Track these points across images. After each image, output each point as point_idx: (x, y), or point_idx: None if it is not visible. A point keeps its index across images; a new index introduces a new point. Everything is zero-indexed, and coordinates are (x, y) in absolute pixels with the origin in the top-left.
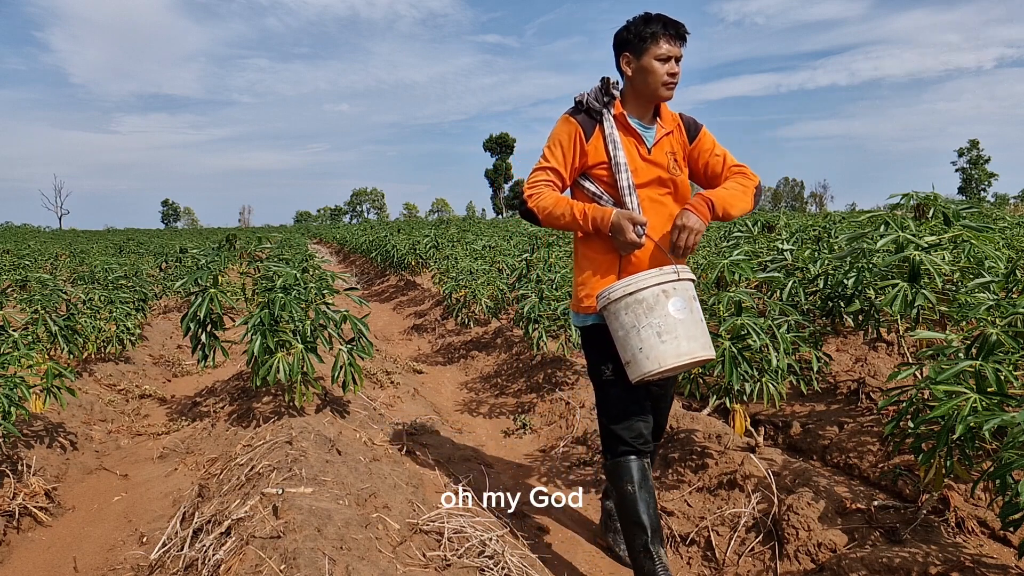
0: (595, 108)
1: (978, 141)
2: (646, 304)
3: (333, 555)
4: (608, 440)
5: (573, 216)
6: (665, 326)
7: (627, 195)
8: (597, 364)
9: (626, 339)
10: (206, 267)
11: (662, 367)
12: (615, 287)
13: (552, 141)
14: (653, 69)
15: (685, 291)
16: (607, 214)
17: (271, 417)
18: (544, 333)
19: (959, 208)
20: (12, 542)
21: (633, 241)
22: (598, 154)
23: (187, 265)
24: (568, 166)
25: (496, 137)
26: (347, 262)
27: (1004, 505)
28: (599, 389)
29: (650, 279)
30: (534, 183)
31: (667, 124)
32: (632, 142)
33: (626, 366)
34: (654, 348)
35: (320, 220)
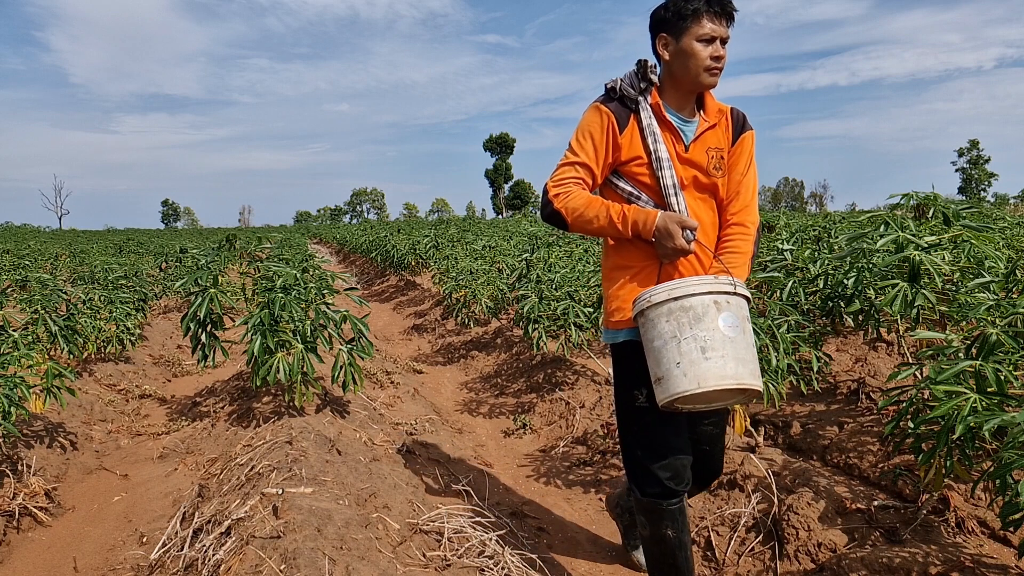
0: (630, 95)
1: (978, 141)
2: (693, 313)
3: (333, 555)
4: (640, 477)
5: (610, 219)
6: (712, 341)
7: (672, 195)
8: (629, 387)
9: (662, 351)
10: (206, 267)
11: (701, 387)
12: (658, 289)
13: (581, 133)
14: (694, 52)
15: (739, 308)
16: (651, 217)
17: (271, 417)
18: (544, 333)
19: (959, 208)
20: (12, 542)
21: (682, 248)
22: (634, 148)
23: (187, 265)
24: (600, 161)
25: (496, 137)
26: (347, 262)
27: (1004, 505)
28: (629, 417)
29: (701, 285)
30: (561, 180)
31: (711, 116)
32: (668, 137)
33: (657, 383)
34: (695, 364)
35: (320, 220)
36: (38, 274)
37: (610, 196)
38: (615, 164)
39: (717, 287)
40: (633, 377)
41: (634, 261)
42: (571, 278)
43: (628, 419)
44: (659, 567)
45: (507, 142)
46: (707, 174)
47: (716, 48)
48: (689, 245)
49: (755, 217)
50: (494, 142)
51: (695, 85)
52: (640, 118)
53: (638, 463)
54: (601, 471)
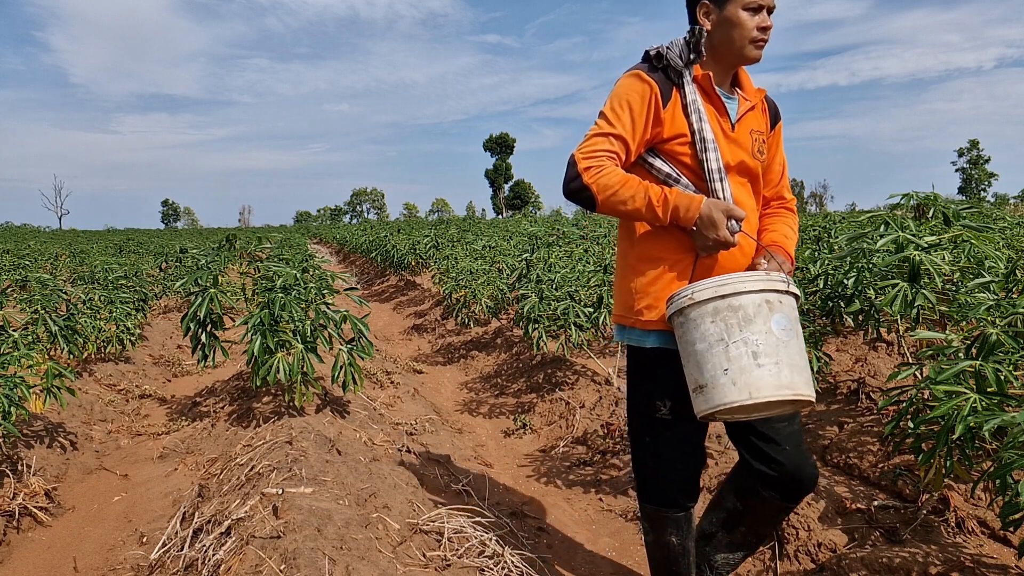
0: (676, 66)
1: (978, 141)
2: (743, 313)
3: (333, 555)
4: (648, 487)
5: (648, 202)
6: (765, 345)
7: (717, 180)
8: (650, 396)
9: (706, 355)
10: (206, 267)
11: (753, 398)
12: (702, 285)
13: (617, 101)
14: (740, 21)
15: (791, 308)
16: (695, 203)
17: (271, 417)
18: (544, 333)
19: (959, 208)
20: (12, 542)
21: (725, 240)
22: (676, 125)
23: (187, 265)
24: (637, 136)
25: (496, 137)
26: (347, 262)
27: (1004, 505)
28: (645, 426)
29: (753, 282)
30: (593, 152)
31: (751, 96)
32: (713, 115)
33: (697, 392)
34: (745, 372)
35: (320, 220)
36: (38, 274)
37: (642, 177)
38: (653, 141)
39: (770, 284)
40: (657, 386)
41: (668, 252)
42: (571, 278)
43: (644, 429)
44: (661, 571)
45: (507, 142)
46: (752, 155)
47: (763, 18)
48: (733, 237)
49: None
50: (494, 142)
51: (738, 59)
52: (684, 93)
53: (648, 474)
54: (601, 471)
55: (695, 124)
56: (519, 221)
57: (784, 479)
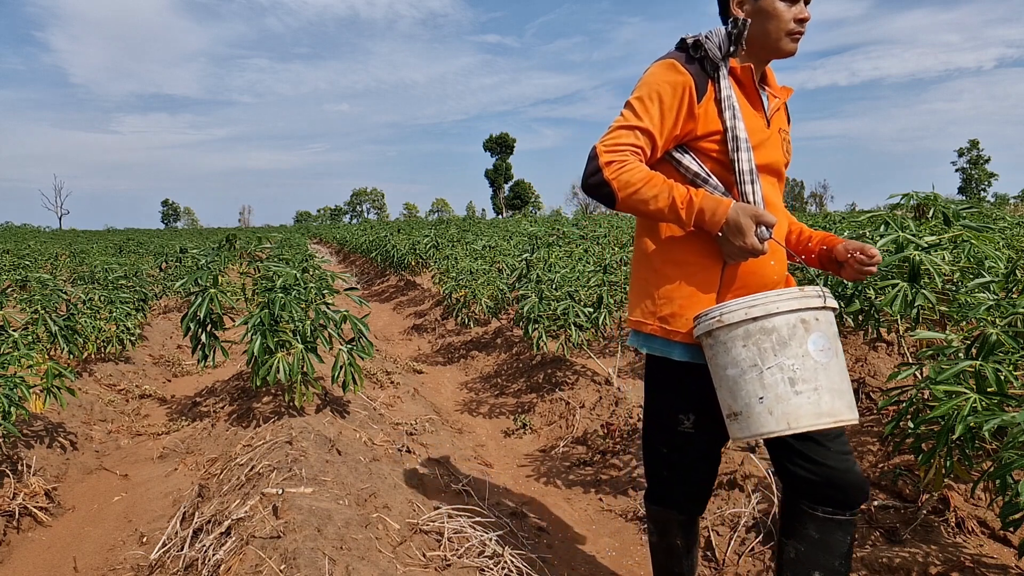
0: (714, 58)
1: (978, 141)
2: (777, 336)
3: (333, 555)
4: (660, 493)
5: (672, 203)
6: (802, 371)
7: (748, 182)
8: (673, 410)
9: (739, 382)
10: (206, 267)
11: (791, 428)
12: (731, 307)
13: (647, 92)
14: (777, 12)
15: (829, 324)
16: (722, 207)
17: (271, 417)
18: (544, 333)
19: (959, 208)
20: (12, 542)
21: (753, 247)
22: (710, 122)
23: (187, 265)
24: (666, 132)
25: (496, 137)
26: (347, 262)
27: (1004, 505)
28: (664, 438)
29: (785, 301)
30: (616, 146)
31: (778, 92)
32: (749, 110)
33: (731, 419)
34: (783, 400)
35: (320, 220)
36: (38, 274)
37: (668, 175)
38: (683, 138)
39: (805, 302)
40: (682, 399)
41: (695, 256)
42: (571, 278)
43: (662, 440)
44: (663, 572)
45: (507, 142)
46: (783, 155)
47: (800, 8)
48: (762, 245)
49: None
50: (494, 142)
51: (773, 52)
52: (719, 87)
53: (662, 481)
54: (601, 471)
55: (728, 121)
56: (519, 221)
57: (833, 484)
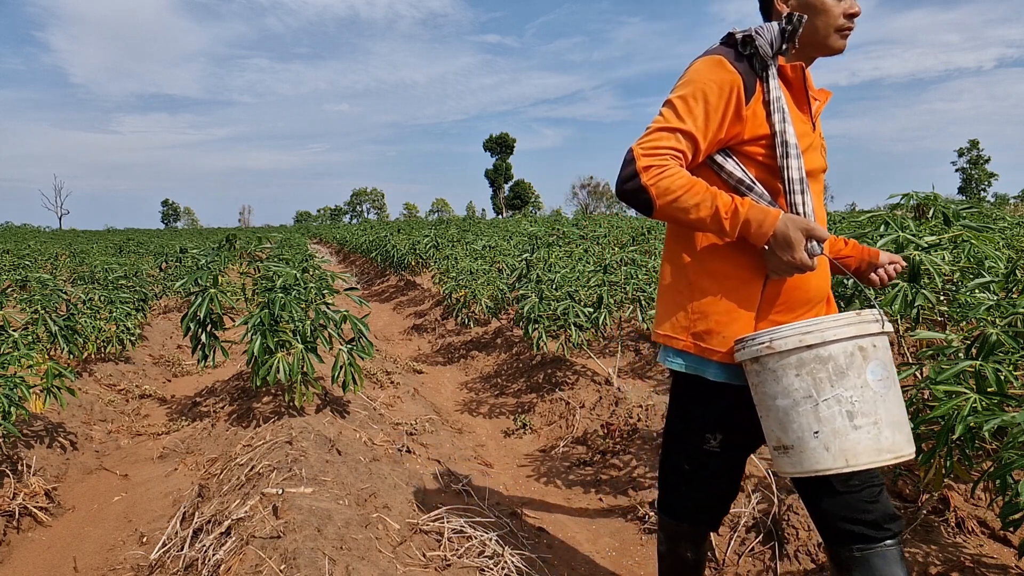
0: (764, 55)
1: (978, 141)
2: (833, 365)
3: (333, 555)
4: (675, 506)
5: (715, 212)
6: (861, 403)
7: (798, 192)
8: (700, 429)
9: (790, 414)
10: (206, 267)
11: (850, 465)
12: (783, 332)
13: (691, 90)
14: (826, 7)
15: (885, 350)
16: (769, 218)
17: (271, 417)
18: (544, 333)
19: (959, 208)
20: (12, 542)
21: (802, 263)
22: (758, 125)
23: (187, 265)
24: (710, 135)
25: (496, 137)
26: (347, 262)
27: (1004, 505)
28: (686, 454)
29: (843, 327)
30: (656, 150)
31: (817, 95)
32: (797, 113)
33: (780, 452)
34: (840, 435)
35: (320, 220)
36: (38, 274)
37: (708, 182)
38: (727, 142)
39: (863, 328)
40: (711, 419)
41: (735, 269)
42: (571, 278)
43: (684, 457)
44: None
45: (507, 142)
46: (824, 162)
47: (851, 3)
48: (811, 261)
49: None
50: (494, 142)
51: (821, 49)
52: (768, 87)
53: (679, 495)
54: (601, 471)
55: (777, 125)
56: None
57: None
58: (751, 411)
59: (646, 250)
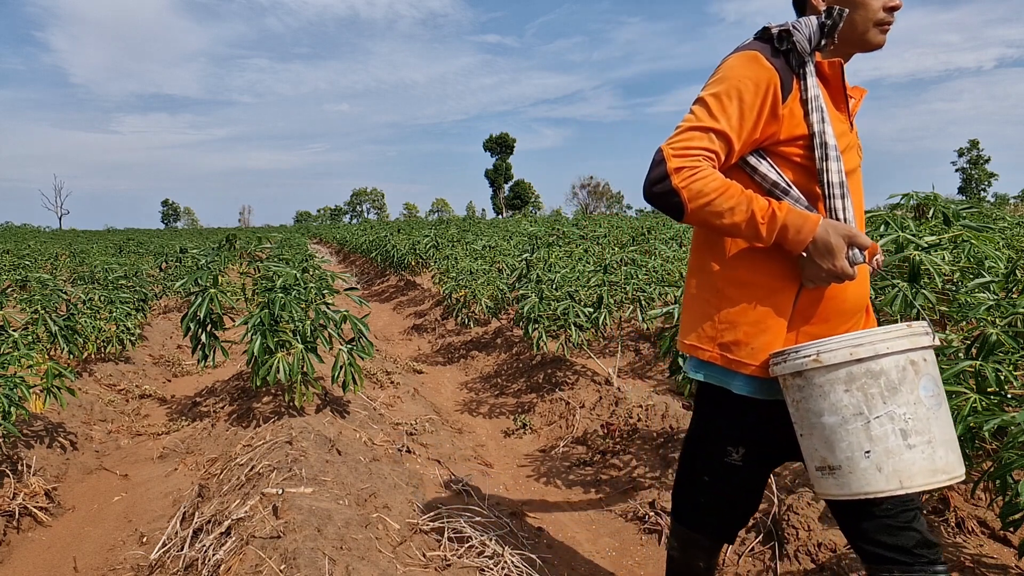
0: (802, 51)
1: (978, 141)
2: (886, 381)
3: (333, 555)
4: (691, 516)
5: (751, 216)
6: (915, 420)
7: (838, 196)
8: (723, 442)
9: (839, 432)
10: (206, 267)
11: (904, 487)
12: (830, 345)
13: (725, 88)
14: (865, 1)
15: (934, 365)
16: (809, 223)
17: (271, 417)
18: (544, 333)
19: (959, 208)
20: (12, 542)
21: (843, 272)
22: (795, 125)
23: (187, 265)
24: (745, 135)
25: (496, 137)
26: (347, 262)
27: (1004, 505)
28: (706, 468)
29: (895, 339)
30: (687, 151)
31: (852, 92)
32: (835, 112)
33: (825, 473)
34: (894, 455)
35: (320, 220)
36: (38, 274)
37: (740, 182)
38: (762, 142)
39: (915, 341)
40: (735, 433)
41: (764, 277)
42: (571, 278)
43: (704, 469)
44: None
45: (507, 142)
46: (860, 162)
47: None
48: (852, 269)
49: None
50: (494, 142)
51: (859, 45)
52: (805, 85)
53: (696, 507)
54: (601, 471)
55: (816, 125)
56: (519, 221)
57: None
58: (778, 426)
59: (646, 250)
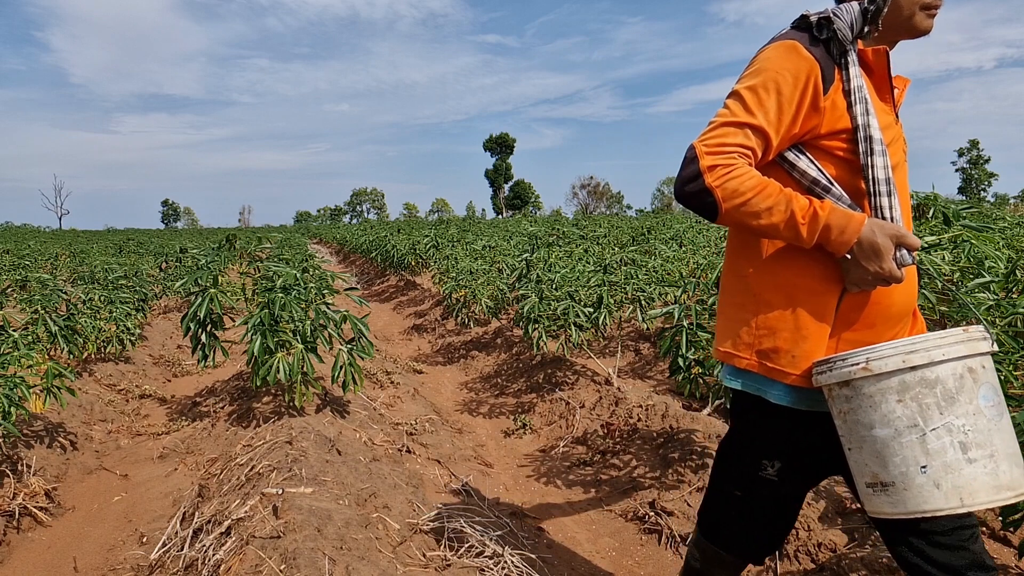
0: (843, 39)
1: (978, 141)
2: (942, 390)
3: (333, 555)
4: (723, 535)
5: (790, 217)
6: (975, 432)
7: (884, 193)
8: (758, 455)
9: (891, 446)
10: (206, 267)
11: (964, 505)
12: (884, 352)
13: (762, 80)
14: None
15: (993, 372)
16: (853, 223)
17: (271, 417)
18: (544, 333)
19: (959, 208)
20: (12, 542)
21: (891, 275)
22: (837, 117)
23: (187, 265)
24: (783, 129)
25: (496, 137)
26: (347, 262)
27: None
28: (739, 482)
29: (951, 345)
30: (722, 148)
31: (897, 81)
32: (879, 104)
33: (876, 489)
34: (953, 470)
35: (320, 220)
36: (38, 274)
37: (778, 179)
38: (802, 137)
39: (973, 347)
40: (771, 445)
41: (804, 280)
42: (571, 278)
43: (737, 483)
44: None
45: (507, 142)
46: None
47: None
48: (900, 271)
49: None
50: (494, 142)
51: (905, 31)
52: (847, 75)
53: (726, 523)
54: (601, 471)
55: (859, 118)
56: (519, 221)
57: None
58: (817, 440)
59: (646, 250)
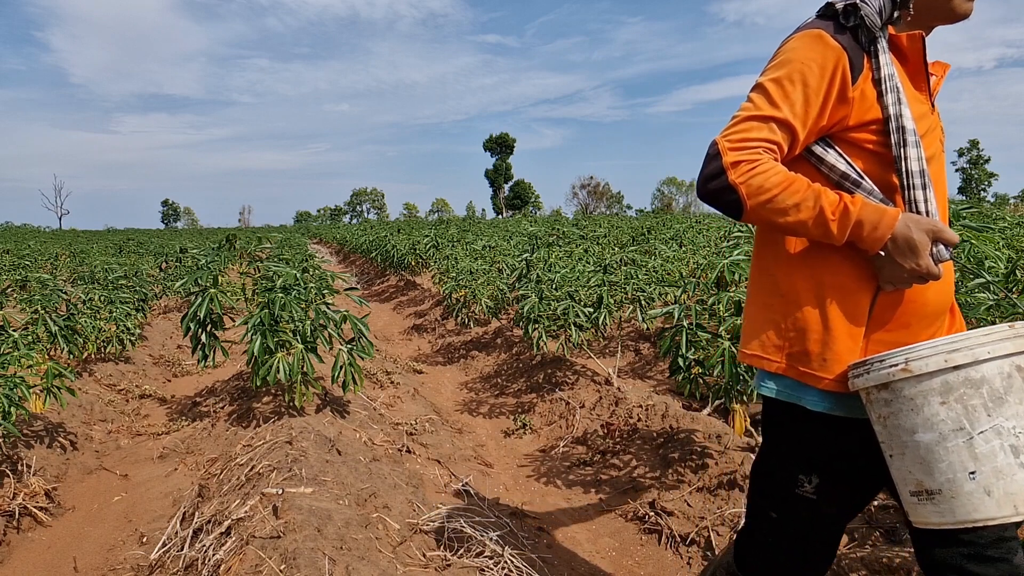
0: (872, 26)
1: (978, 141)
2: (988, 390)
3: (333, 555)
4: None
5: (819, 213)
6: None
7: (918, 187)
8: (793, 468)
9: (936, 451)
10: (206, 267)
11: (1019, 512)
12: (924, 351)
13: (787, 72)
14: None
15: None
16: (887, 218)
17: (271, 417)
18: (544, 333)
19: (959, 208)
20: (12, 542)
21: (927, 271)
22: (866, 108)
23: (187, 265)
24: (809, 122)
25: (496, 137)
26: (347, 262)
27: None
28: (775, 500)
29: (996, 342)
30: (745, 142)
31: (934, 68)
32: (913, 93)
33: (922, 498)
34: (1004, 475)
35: (320, 220)
36: (38, 274)
37: (805, 174)
38: (830, 129)
39: (1020, 343)
40: (807, 456)
41: (836, 278)
42: (571, 278)
43: (772, 501)
44: None
45: (507, 142)
46: (942, 147)
47: None
48: (937, 268)
49: None
50: (494, 142)
51: (943, 15)
52: (877, 63)
53: (763, 547)
54: (601, 471)
55: (891, 107)
56: (519, 221)
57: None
58: (856, 448)
59: (646, 250)
